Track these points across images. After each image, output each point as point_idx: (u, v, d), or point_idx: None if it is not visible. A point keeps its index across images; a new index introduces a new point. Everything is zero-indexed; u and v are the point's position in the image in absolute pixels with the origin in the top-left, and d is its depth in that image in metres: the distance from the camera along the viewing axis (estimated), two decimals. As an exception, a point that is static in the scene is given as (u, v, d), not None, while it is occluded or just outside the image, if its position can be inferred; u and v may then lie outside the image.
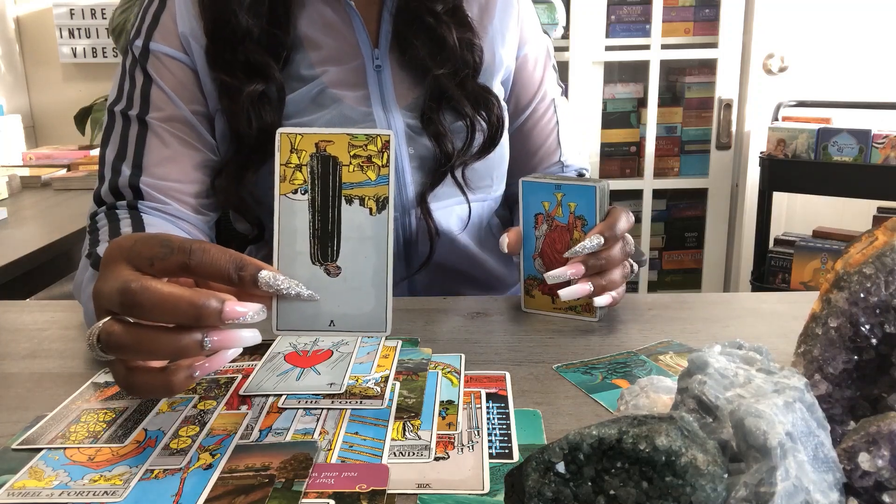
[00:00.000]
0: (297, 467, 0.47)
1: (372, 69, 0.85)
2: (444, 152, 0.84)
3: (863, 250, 0.43)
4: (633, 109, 2.61)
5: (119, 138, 0.82)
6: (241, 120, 0.80)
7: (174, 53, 0.82)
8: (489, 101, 0.87)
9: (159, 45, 0.83)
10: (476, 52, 0.86)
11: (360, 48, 0.85)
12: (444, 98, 0.85)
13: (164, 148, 0.81)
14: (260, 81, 0.80)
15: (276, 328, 0.51)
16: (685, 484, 0.32)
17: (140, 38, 0.84)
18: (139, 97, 0.82)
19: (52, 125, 2.65)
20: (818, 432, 0.35)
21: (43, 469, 0.48)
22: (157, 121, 0.81)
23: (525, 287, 0.77)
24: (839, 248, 2.15)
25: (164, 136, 0.81)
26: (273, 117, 0.80)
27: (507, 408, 0.55)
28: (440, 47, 0.84)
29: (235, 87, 0.79)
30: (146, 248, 0.47)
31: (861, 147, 2.08)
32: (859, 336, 0.42)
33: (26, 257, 1.18)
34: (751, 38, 2.45)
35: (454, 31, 0.84)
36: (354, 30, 0.85)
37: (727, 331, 0.71)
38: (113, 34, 2.19)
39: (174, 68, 0.82)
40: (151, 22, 0.84)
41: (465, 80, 0.85)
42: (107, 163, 0.82)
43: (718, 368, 0.38)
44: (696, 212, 2.71)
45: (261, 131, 0.79)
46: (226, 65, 0.80)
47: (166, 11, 0.83)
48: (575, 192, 0.71)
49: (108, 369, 0.63)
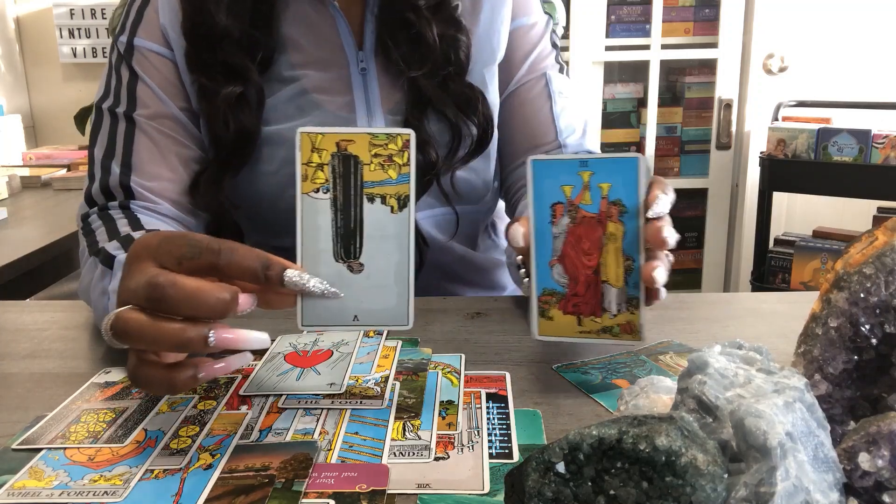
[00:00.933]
0: (297, 467, 0.47)
1: (357, 73, 0.82)
2: (428, 160, 0.80)
3: (863, 250, 0.43)
4: (633, 109, 2.61)
5: (107, 136, 0.81)
6: (217, 122, 0.78)
7: (158, 49, 0.81)
8: (474, 98, 0.82)
9: (143, 42, 0.82)
10: (461, 48, 0.81)
11: (346, 51, 0.82)
12: (426, 101, 0.81)
13: (152, 146, 0.80)
14: (238, 83, 0.78)
15: (301, 323, 0.52)
16: (685, 484, 0.32)
17: (125, 34, 0.83)
18: (126, 94, 0.81)
19: (52, 125, 2.65)
20: (818, 432, 0.35)
21: (43, 469, 0.48)
22: (144, 118, 0.80)
23: (539, 307, 0.57)
24: (839, 248, 2.15)
25: (152, 135, 0.80)
26: (251, 120, 0.79)
27: (507, 408, 0.55)
28: (416, 47, 0.80)
29: (212, 89, 0.78)
30: (174, 248, 0.48)
31: (861, 147, 2.08)
32: (859, 336, 0.42)
33: (26, 257, 1.18)
34: (751, 38, 2.45)
35: (434, 28, 0.80)
36: (339, 32, 0.82)
37: (727, 331, 0.71)
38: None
39: (159, 64, 0.81)
40: (136, 17, 0.83)
41: (448, 80, 0.81)
42: (96, 161, 0.81)
43: (718, 368, 0.38)
44: (696, 212, 2.71)
45: (238, 134, 0.78)
46: (203, 66, 0.79)
47: (150, 6, 0.82)
48: (609, 168, 0.53)
49: (109, 370, 0.63)
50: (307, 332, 0.68)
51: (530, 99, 0.90)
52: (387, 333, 0.69)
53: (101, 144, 0.82)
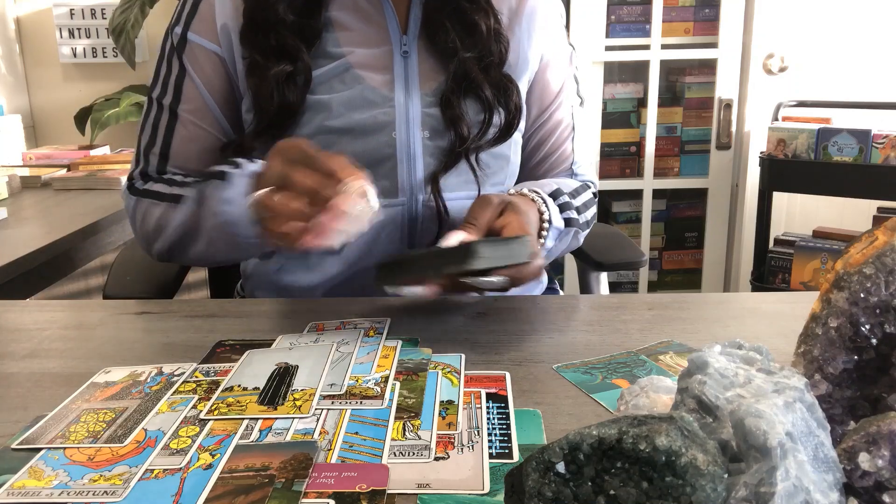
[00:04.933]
0: (297, 467, 0.47)
1: (399, 55, 0.88)
2: (459, 135, 0.87)
3: (863, 250, 0.43)
4: (633, 109, 2.61)
5: (151, 127, 0.90)
6: (264, 96, 0.84)
7: (210, 46, 0.88)
8: (510, 88, 0.89)
9: (196, 37, 0.88)
10: (503, 42, 0.89)
11: (390, 34, 0.88)
12: (467, 82, 0.87)
13: (189, 140, 0.89)
14: (288, 63, 0.84)
15: None
16: (685, 484, 0.32)
17: (179, 26, 0.89)
18: (173, 86, 0.89)
19: (52, 125, 2.65)
20: (818, 432, 0.35)
21: (43, 469, 0.48)
22: (186, 113, 0.89)
23: None
24: (839, 248, 2.15)
25: (190, 129, 0.89)
26: (296, 97, 0.84)
27: (507, 408, 0.55)
28: (471, 31, 0.87)
29: (264, 65, 0.84)
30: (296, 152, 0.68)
31: (861, 147, 2.08)
32: (859, 336, 0.42)
33: (26, 257, 1.18)
34: (751, 38, 2.45)
35: (483, 21, 0.87)
36: (385, 17, 0.88)
37: (727, 331, 0.71)
38: (113, 34, 2.19)
39: (208, 61, 0.88)
40: (191, 10, 0.89)
41: (490, 66, 0.88)
42: (140, 150, 0.91)
43: (718, 368, 0.38)
44: (696, 212, 2.71)
45: (281, 108, 0.84)
46: (258, 46, 0.85)
47: (205, 1, 0.88)
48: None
49: (109, 370, 0.63)
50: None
51: (557, 132, 0.99)
52: (387, 333, 0.69)
53: (146, 134, 0.91)
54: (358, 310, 0.76)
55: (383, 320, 0.72)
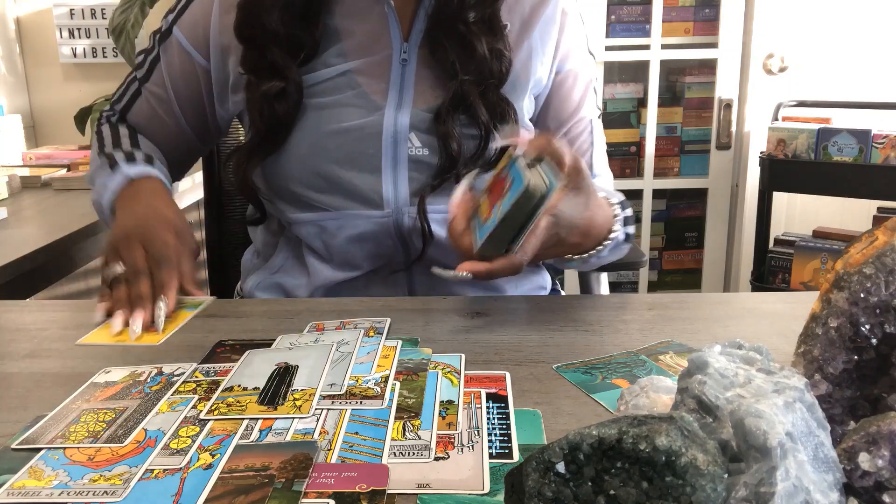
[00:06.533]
0: (297, 467, 0.47)
1: (398, 62, 0.88)
2: (448, 153, 0.84)
3: (863, 250, 0.43)
4: (633, 109, 2.61)
5: (125, 85, 0.98)
6: (255, 112, 0.86)
7: (188, 48, 0.92)
8: (507, 112, 0.87)
9: (180, 35, 0.92)
10: (504, 62, 0.87)
11: (391, 40, 0.88)
12: (464, 103, 0.85)
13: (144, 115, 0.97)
14: (278, 80, 0.85)
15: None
16: (685, 484, 0.32)
17: (172, 15, 0.93)
18: (147, 64, 0.95)
19: (52, 125, 2.65)
20: (818, 432, 0.35)
21: (43, 469, 0.48)
22: (148, 93, 0.96)
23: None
24: (839, 248, 2.15)
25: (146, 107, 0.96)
26: (286, 112, 0.85)
27: (507, 408, 0.55)
28: (470, 55, 0.85)
29: (255, 84, 0.86)
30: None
31: (861, 147, 2.08)
32: (859, 336, 0.42)
33: (26, 257, 1.18)
34: (751, 38, 2.45)
35: (484, 41, 0.85)
36: (389, 24, 0.88)
37: (727, 331, 0.71)
38: (113, 34, 2.18)
39: (181, 61, 0.92)
40: (182, 7, 0.92)
41: (488, 89, 0.86)
42: (115, 94, 0.99)
43: (718, 368, 0.38)
44: (696, 212, 2.71)
45: (271, 123, 0.85)
46: (253, 65, 0.87)
47: (198, 3, 0.90)
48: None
49: (109, 370, 0.63)
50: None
51: (576, 146, 0.97)
52: (387, 333, 0.69)
53: (120, 88, 0.98)
54: (358, 310, 0.76)
55: (383, 320, 0.72)
